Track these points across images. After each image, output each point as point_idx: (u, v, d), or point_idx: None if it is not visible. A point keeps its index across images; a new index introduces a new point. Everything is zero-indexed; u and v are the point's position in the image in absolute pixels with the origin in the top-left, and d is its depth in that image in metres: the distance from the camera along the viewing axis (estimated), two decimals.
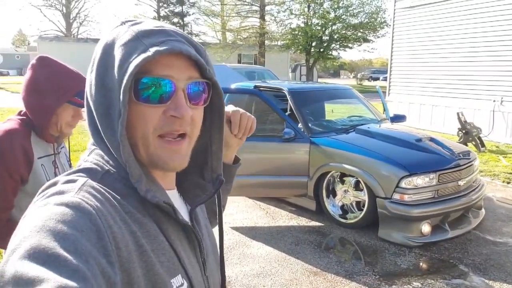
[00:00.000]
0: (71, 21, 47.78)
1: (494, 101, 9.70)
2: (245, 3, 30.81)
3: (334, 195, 4.79)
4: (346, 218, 4.66)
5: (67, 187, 0.63)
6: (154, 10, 38.49)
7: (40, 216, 0.56)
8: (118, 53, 0.67)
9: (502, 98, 9.55)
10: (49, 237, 0.53)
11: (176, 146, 0.70)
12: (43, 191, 0.65)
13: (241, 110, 0.99)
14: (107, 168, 0.70)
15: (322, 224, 4.75)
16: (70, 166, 1.87)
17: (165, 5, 37.91)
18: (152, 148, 0.69)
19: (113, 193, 0.67)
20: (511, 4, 9.22)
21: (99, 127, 0.70)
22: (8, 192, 1.56)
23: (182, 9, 37.10)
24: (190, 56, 0.68)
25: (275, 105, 5.28)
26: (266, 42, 30.92)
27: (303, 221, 4.86)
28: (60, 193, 0.62)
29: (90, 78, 0.71)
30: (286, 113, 5.32)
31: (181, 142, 0.71)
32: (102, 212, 0.60)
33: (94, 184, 0.66)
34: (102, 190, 0.65)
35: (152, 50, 0.65)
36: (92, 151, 0.74)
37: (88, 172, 0.69)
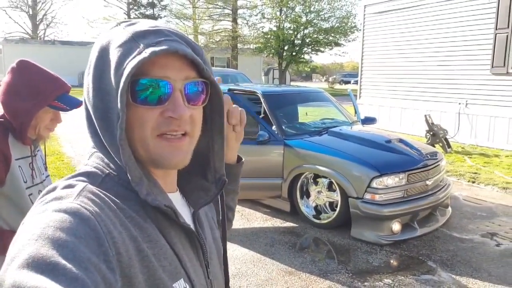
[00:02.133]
0: (37, 23, 46.50)
1: (459, 104, 10.08)
2: (217, 6, 30.82)
3: (308, 196, 4.88)
4: (319, 219, 4.75)
5: (65, 192, 0.62)
6: (124, 13, 38.00)
7: (39, 224, 0.55)
8: (114, 55, 0.66)
9: (467, 101, 9.93)
10: (47, 245, 0.52)
11: (177, 143, 0.69)
12: (42, 196, 0.64)
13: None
14: (107, 171, 0.69)
15: (297, 225, 4.82)
16: (46, 169, 1.87)
17: (135, 7, 37.48)
18: (152, 147, 0.68)
19: (113, 197, 0.66)
20: (475, 11, 9.62)
21: (98, 130, 0.69)
22: None
23: (153, 12, 36.79)
24: (186, 56, 0.67)
25: (249, 108, 5.34)
26: (239, 45, 31.01)
27: (278, 222, 4.92)
28: (59, 198, 0.61)
29: (87, 82, 0.70)
30: (260, 116, 5.38)
31: (182, 139, 0.70)
32: (101, 218, 0.60)
33: (94, 188, 0.65)
34: (102, 195, 0.64)
35: (148, 51, 0.64)
36: (92, 154, 0.73)
37: (88, 175, 0.68)
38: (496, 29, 9.17)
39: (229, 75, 12.80)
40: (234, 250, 4.16)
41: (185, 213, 0.78)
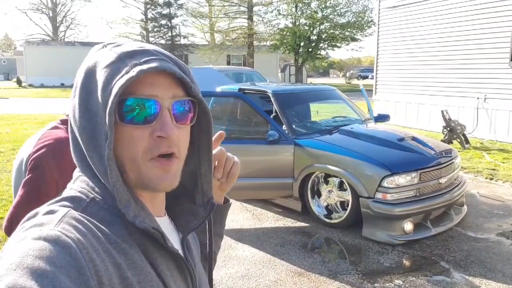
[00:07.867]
0: (57, 24, 47.49)
1: (478, 98, 9.85)
2: (233, 4, 30.84)
3: (319, 195, 4.85)
4: (331, 218, 4.72)
5: (46, 219, 0.60)
6: (142, 13, 38.36)
7: (18, 252, 0.53)
8: (101, 76, 0.66)
9: (485, 95, 9.71)
10: (26, 275, 0.50)
11: (167, 165, 0.68)
12: (23, 223, 0.62)
13: (228, 154, 0.95)
14: (92, 195, 0.68)
15: (308, 225, 4.80)
16: None
17: (152, 7, 37.77)
18: (143, 169, 0.67)
19: (97, 223, 0.63)
20: (493, 3, 9.37)
21: (85, 152, 0.68)
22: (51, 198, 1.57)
23: (170, 11, 36.98)
24: (174, 74, 0.67)
25: (259, 107, 5.32)
26: (255, 42, 30.99)
27: (289, 222, 4.91)
28: (39, 225, 0.58)
29: (74, 103, 0.69)
30: (272, 115, 5.37)
31: (171, 160, 0.69)
32: (83, 245, 0.57)
33: (76, 214, 0.62)
34: (85, 221, 0.62)
35: (136, 70, 0.64)
36: (77, 178, 0.71)
37: (72, 200, 0.66)
38: None
39: (244, 74, 12.83)
40: (244, 251, 4.18)
41: (173, 238, 0.76)
